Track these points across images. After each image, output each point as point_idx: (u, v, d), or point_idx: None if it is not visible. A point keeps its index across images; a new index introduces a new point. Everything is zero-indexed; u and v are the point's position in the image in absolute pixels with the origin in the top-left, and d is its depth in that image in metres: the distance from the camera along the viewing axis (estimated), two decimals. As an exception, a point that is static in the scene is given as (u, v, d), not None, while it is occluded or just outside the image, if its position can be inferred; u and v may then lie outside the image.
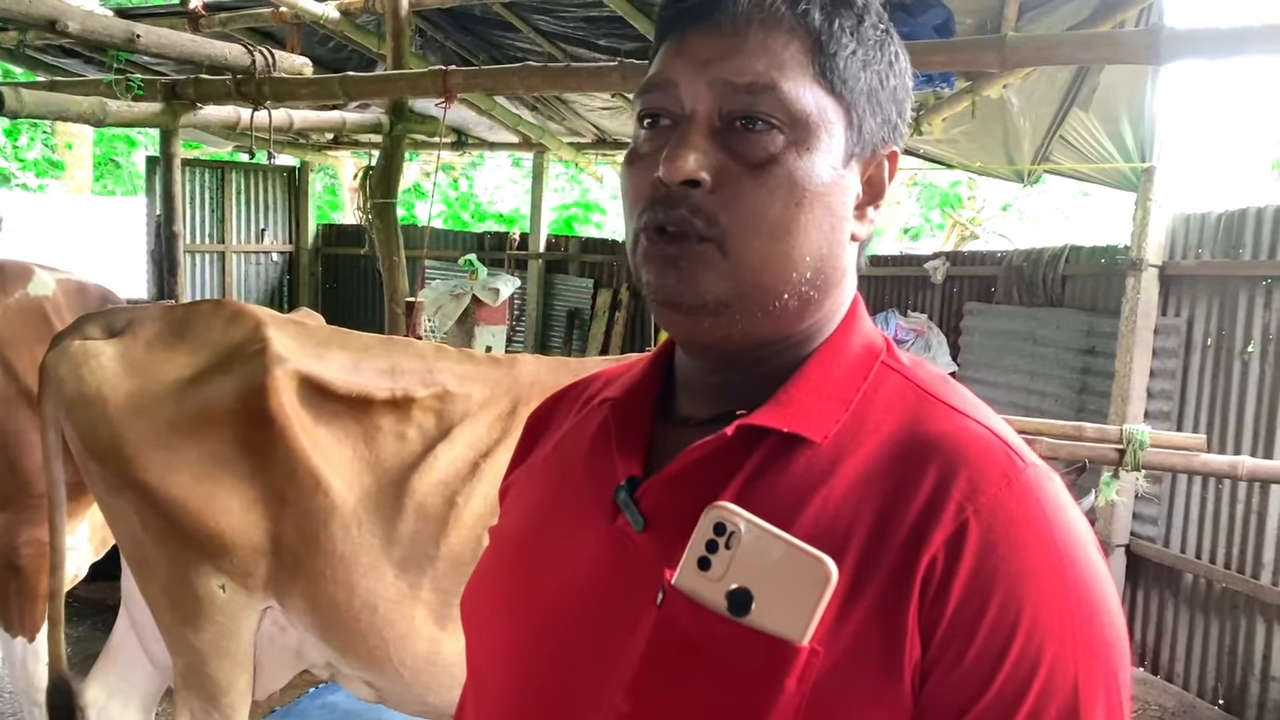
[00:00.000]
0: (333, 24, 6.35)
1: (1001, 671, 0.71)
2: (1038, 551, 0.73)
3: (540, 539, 0.91)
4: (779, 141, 0.79)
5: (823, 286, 0.84)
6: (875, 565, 0.74)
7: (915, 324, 6.68)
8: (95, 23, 3.73)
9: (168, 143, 4.83)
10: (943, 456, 0.76)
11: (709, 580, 0.73)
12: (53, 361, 2.49)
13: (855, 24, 0.83)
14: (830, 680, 0.71)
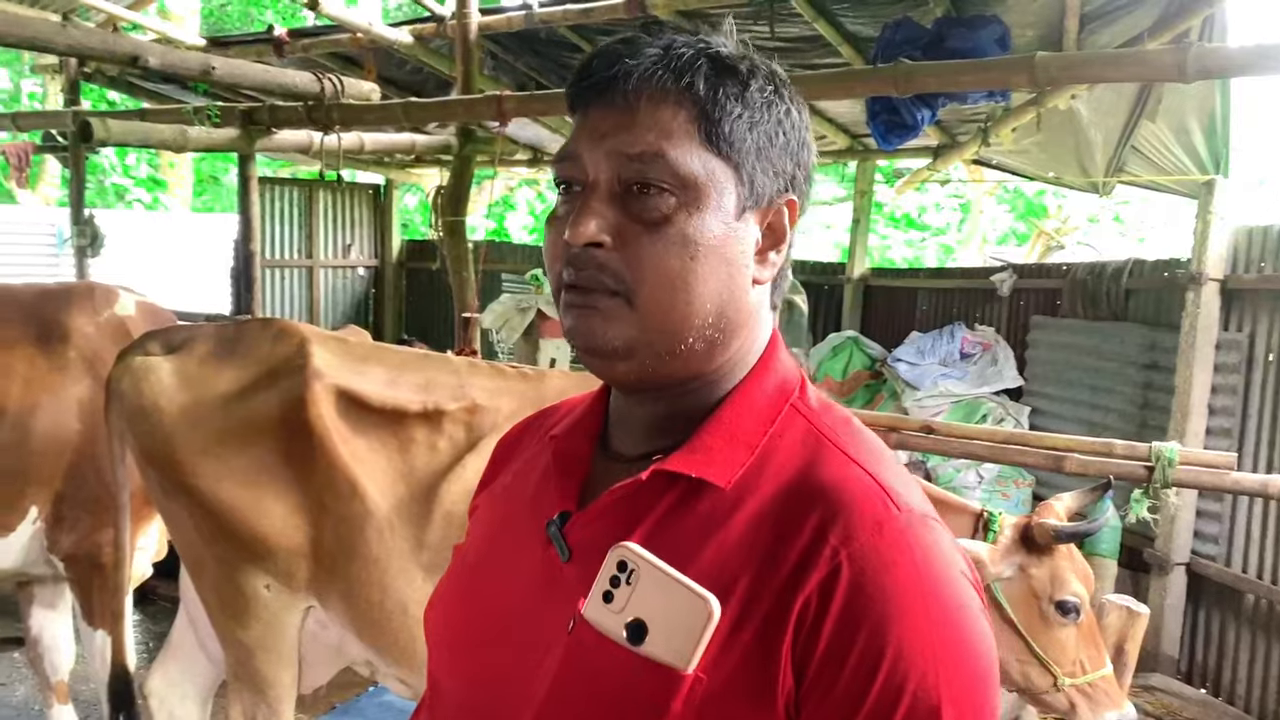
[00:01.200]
0: (407, 48, 6.59)
1: (866, 703, 0.78)
2: (903, 593, 0.80)
3: (490, 562, 1.02)
4: (671, 203, 0.88)
5: (726, 329, 0.92)
6: (757, 603, 0.82)
7: (982, 337, 6.62)
8: (174, 57, 3.99)
9: (245, 166, 5.09)
10: (826, 503, 0.84)
11: (612, 612, 0.83)
12: (117, 375, 2.69)
13: (740, 90, 0.90)
14: (712, 705, 0.80)
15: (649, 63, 0.90)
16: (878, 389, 6.99)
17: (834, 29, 5.74)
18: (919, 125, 5.23)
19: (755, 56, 0.94)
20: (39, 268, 9.22)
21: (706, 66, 0.90)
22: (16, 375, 3.14)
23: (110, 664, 2.98)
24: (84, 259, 6.67)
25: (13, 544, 3.16)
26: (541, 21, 6.12)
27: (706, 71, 0.90)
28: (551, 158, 8.05)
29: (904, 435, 3.47)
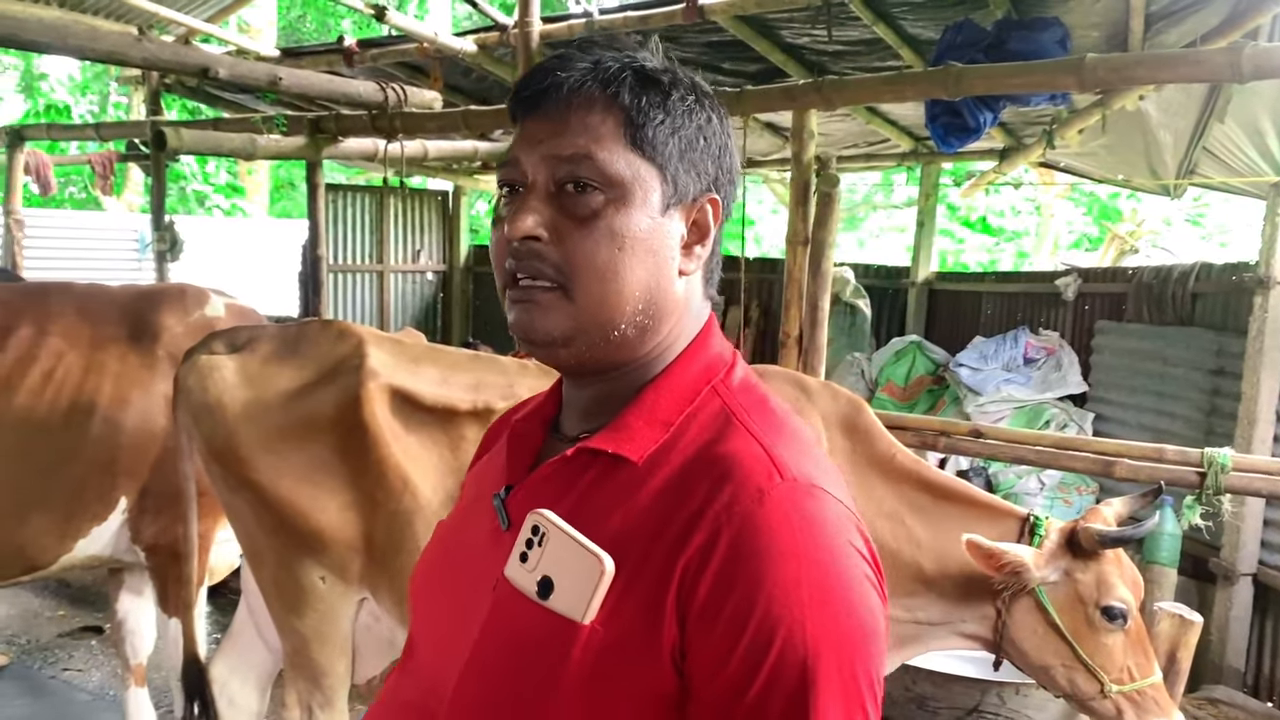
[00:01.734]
0: (471, 57, 6.72)
1: (739, 650, 0.86)
2: (777, 553, 0.88)
3: (457, 534, 1.14)
4: (600, 200, 0.97)
5: (655, 315, 1.01)
6: (649, 563, 0.91)
7: (1046, 342, 6.53)
8: (242, 68, 4.14)
9: (313, 173, 5.25)
10: (716, 473, 0.93)
11: (526, 570, 0.94)
12: (183, 373, 2.82)
13: (662, 99, 1.00)
14: (608, 652, 0.90)
15: (579, 75, 0.99)
16: (940, 394, 6.93)
17: (893, 32, 5.72)
18: (980, 128, 5.19)
19: (678, 70, 1.04)
20: (122, 271, 9.55)
21: (631, 78, 1.00)
22: (109, 372, 3.29)
23: (182, 652, 3.10)
24: (164, 263, 6.92)
25: (104, 532, 3.31)
26: (601, 28, 6.19)
27: (631, 82, 0.99)
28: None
29: (954, 440, 3.47)
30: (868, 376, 7.38)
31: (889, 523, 2.66)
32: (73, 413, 3.21)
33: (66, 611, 5.05)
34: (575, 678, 0.90)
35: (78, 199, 14.47)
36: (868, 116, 7.17)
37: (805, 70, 6.38)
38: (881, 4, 5.45)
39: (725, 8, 5.75)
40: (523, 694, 0.93)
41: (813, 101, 3.71)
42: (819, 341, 3.83)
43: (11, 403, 3.15)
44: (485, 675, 0.97)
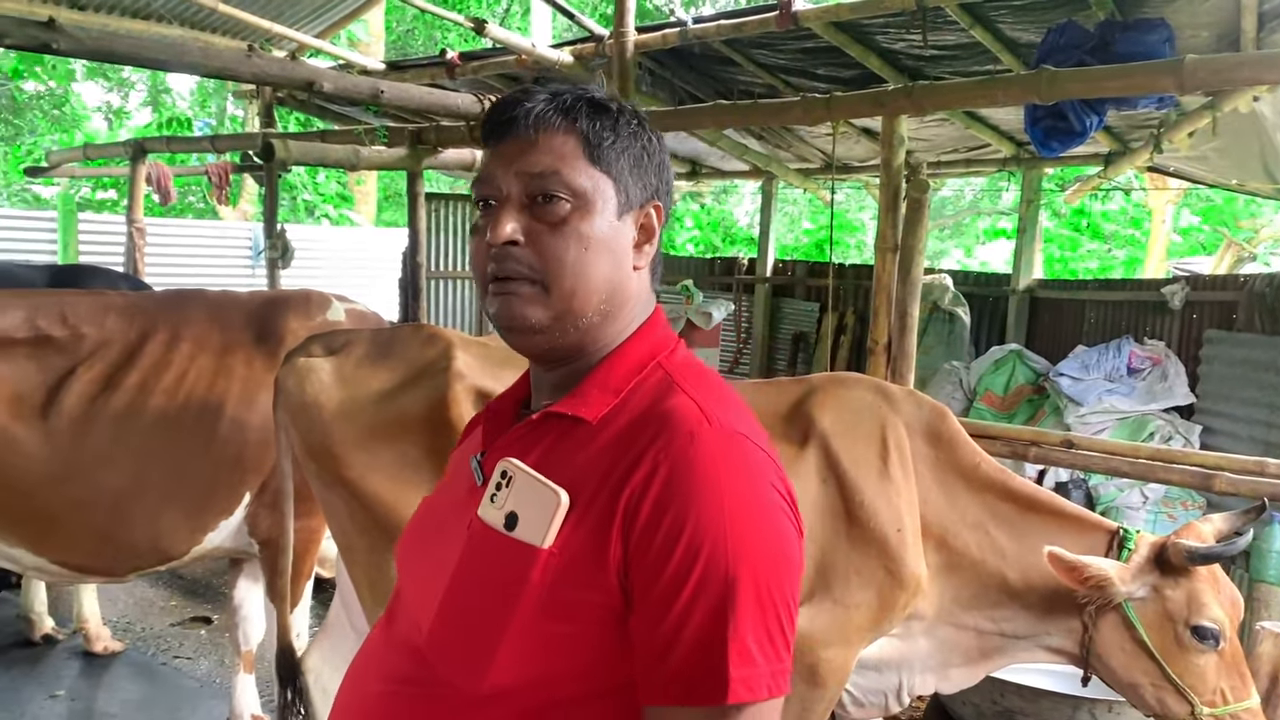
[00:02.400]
0: (568, 67, 6.84)
1: (670, 564, 1.03)
2: (704, 485, 1.05)
3: (436, 500, 1.35)
4: (567, 208, 1.15)
5: (615, 305, 1.19)
6: (599, 497, 1.08)
7: (1151, 352, 6.32)
8: (346, 82, 4.30)
9: (413, 183, 5.40)
10: (656, 423, 1.11)
11: (495, 509, 1.12)
12: (283, 375, 2.94)
13: (612, 123, 1.19)
14: (563, 572, 1.07)
15: (542, 105, 1.18)
16: (1040, 404, 6.77)
17: (992, 35, 5.63)
18: (1086, 131, 5.05)
19: (621, 101, 1.23)
20: (237, 277, 9.95)
21: (585, 106, 1.18)
22: (236, 375, 3.46)
23: (277, 642, 3.23)
24: (275, 270, 7.21)
25: (229, 525, 3.47)
26: (696, 37, 6.24)
27: (587, 110, 1.18)
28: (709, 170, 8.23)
29: (1045, 450, 3.40)
30: (966, 386, 7.25)
31: (973, 532, 2.63)
32: (204, 413, 3.38)
33: (178, 602, 5.29)
34: (535, 595, 1.07)
35: (196, 208, 15.13)
36: (967, 121, 7.07)
37: (901, 76, 6.32)
38: (979, 7, 5.37)
39: (819, 14, 5.75)
40: (491, 611, 1.10)
41: (903, 107, 3.68)
42: (908, 349, 3.79)
43: (148, 404, 3.33)
44: (459, 600, 1.14)
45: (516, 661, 1.08)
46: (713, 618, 1.01)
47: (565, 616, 1.07)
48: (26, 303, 3.37)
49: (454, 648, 1.13)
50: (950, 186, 19.13)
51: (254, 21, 7.09)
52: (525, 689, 1.09)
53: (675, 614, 1.02)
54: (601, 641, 1.08)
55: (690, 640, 1.02)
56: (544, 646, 1.08)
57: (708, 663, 1.01)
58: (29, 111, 16.57)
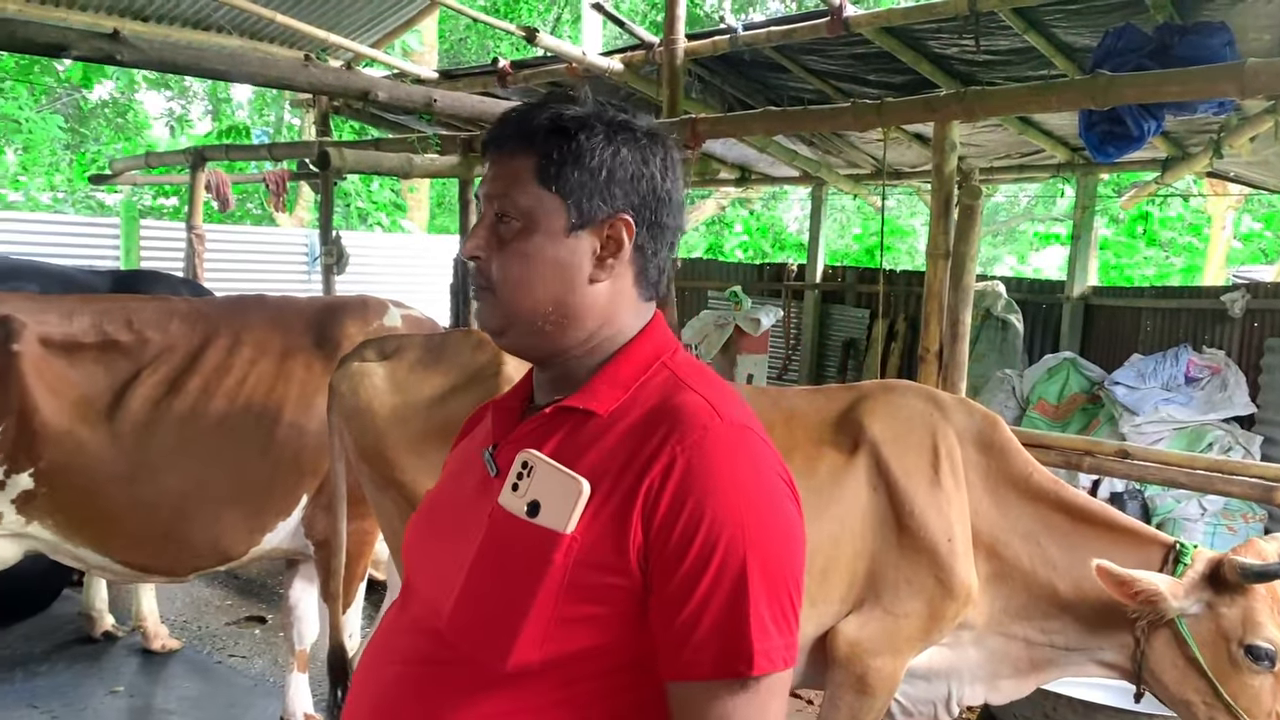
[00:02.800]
0: (618, 75, 6.87)
1: (692, 551, 1.11)
2: (718, 477, 1.13)
3: (446, 493, 1.41)
4: (515, 227, 1.25)
5: (568, 314, 1.26)
6: (619, 486, 1.16)
7: (1211, 360, 6.21)
8: (400, 91, 4.37)
9: (464, 190, 5.46)
10: (671, 417, 1.19)
11: (517, 497, 1.18)
12: (337, 379, 2.99)
13: (568, 143, 1.24)
14: (584, 556, 1.14)
15: (510, 131, 1.27)
16: (1095, 413, 6.67)
17: (1046, 40, 5.57)
18: (1144, 136, 4.97)
19: (600, 115, 1.27)
20: (293, 283, 10.10)
21: (545, 129, 1.25)
22: (295, 379, 3.53)
23: (329, 641, 3.28)
24: (330, 275, 7.32)
25: (287, 526, 3.54)
26: (746, 44, 6.23)
27: (544, 133, 1.24)
28: (759, 176, 8.19)
29: (1099, 460, 3.36)
30: (1019, 394, 7.17)
31: (1024, 543, 2.60)
32: (263, 416, 3.46)
33: (233, 601, 5.38)
34: (557, 577, 1.14)
35: (254, 214, 15.41)
36: (1020, 127, 6.99)
37: (953, 81, 6.27)
38: (1033, 11, 5.31)
39: (870, 20, 5.72)
40: (515, 593, 1.16)
41: (954, 113, 3.66)
42: (960, 357, 3.76)
43: (210, 407, 3.41)
44: (482, 583, 1.20)
45: (539, 640, 1.15)
46: (734, 598, 1.10)
47: (586, 598, 1.15)
48: (94, 308, 3.46)
49: (478, 628, 1.19)
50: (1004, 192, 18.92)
51: (310, 31, 7.21)
52: (547, 665, 1.16)
53: (699, 596, 1.10)
54: (620, 620, 1.15)
55: (714, 620, 1.10)
56: (565, 626, 1.15)
57: (732, 639, 1.10)
58: (94, 120, 17.00)
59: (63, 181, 14.87)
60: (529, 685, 1.17)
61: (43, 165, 14.77)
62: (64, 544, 3.33)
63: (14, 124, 13.64)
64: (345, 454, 3.08)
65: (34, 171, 14.54)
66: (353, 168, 4.51)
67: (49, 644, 4.69)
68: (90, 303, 3.52)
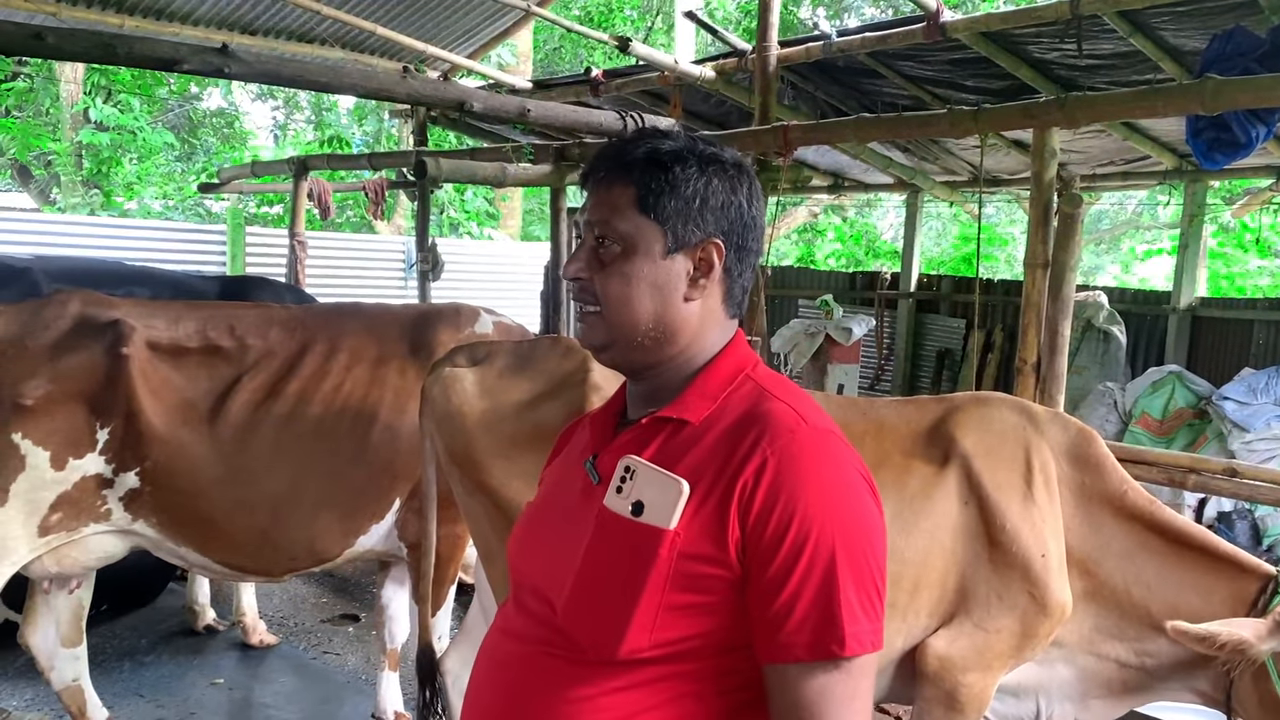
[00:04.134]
0: (710, 83, 6.87)
1: (786, 542, 1.23)
2: (807, 475, 1.25)
3: (550, 503, 1.52)
4: (616, 250, 1.38)
5: (666, 330, 1.39)
6: (716, 486, 1.28)
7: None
8: (495, 101, 4.43)
9: (556, 198, 5.51)
10: (760, 423, 1.31)
11: (621, 499, 1.30)
12: (429, 384, 3.05)
13: (664, 175, 1.37)
14: (687, 549, 1.26)
15: (609, 164, 1.40)
16: (1202, 429, 6.42)
17: (1152, 43, 5.40)
18: (1253, 143, 4.79)
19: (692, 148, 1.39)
20: (390, 289, 10.31)
21: (643, 162, 1.38)
22: (389, 385, 3.61)
23: (418, 643, 3.34)
24: (426, 282, 7.46)
25: (380, 529, 3.62)
26: (839, 50, 6.18)
27: (641, 165, 1.38)
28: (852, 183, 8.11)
29: (1205, 478, 3.23)
30: (1121, 408, 6.95)
31: (1119, 561, 2.52)
32: (359, 421, 3.54)
33: (329, 600, 5.52)
34: (663, 570, 1.26)
35: (353, 222, 15.79)
36: (1125, 133, 6.79)
37: (1054, 86, 6.12)
38: (1139, 15, 5.15)
39: (968, 25, 5.62)
40: (624, 587, 1.27)
41: (1054, 119, 3.56)
42: (1058, 369, 3.66)
43: (307, 412, 3.50)
44: (593, 579, 1.32)
45: (648, 627, 1.26)
46: (825, 586, 1.21)
47: (689, 587, 1.26)
48: (198, 314, 3.58)
49: (591, 619, 1.31)
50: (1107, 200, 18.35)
51: (409, 43, 7.38)
52: (655, 650, 1.27)
53: (793, 585, 1.21)
54: (721, 608, 1.26)
55: (808, 606, 1.21)
56: (671, 613, 1.26)
57: (826, 623, 1.21)
58: (203, 130, 17.64)
59: (174, 190, 15.47)
60: (639, 669, 1.28)
61: (156, 175, 15.38)
62: (166, 542, 3.45)
63: (130, 135, 14.23)
64: (436, 458, 3.14)
65: (147, 180, 15.15)
66: (449, 176, 4.59)
67: (154, 636, 4.88)
68: (195, 309, 3.65)
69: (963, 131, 4.08)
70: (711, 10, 16.02)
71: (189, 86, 16.02)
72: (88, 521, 3.33)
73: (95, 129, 13.79)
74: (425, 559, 3.29)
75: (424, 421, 3.11)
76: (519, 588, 1.48)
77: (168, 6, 6.99)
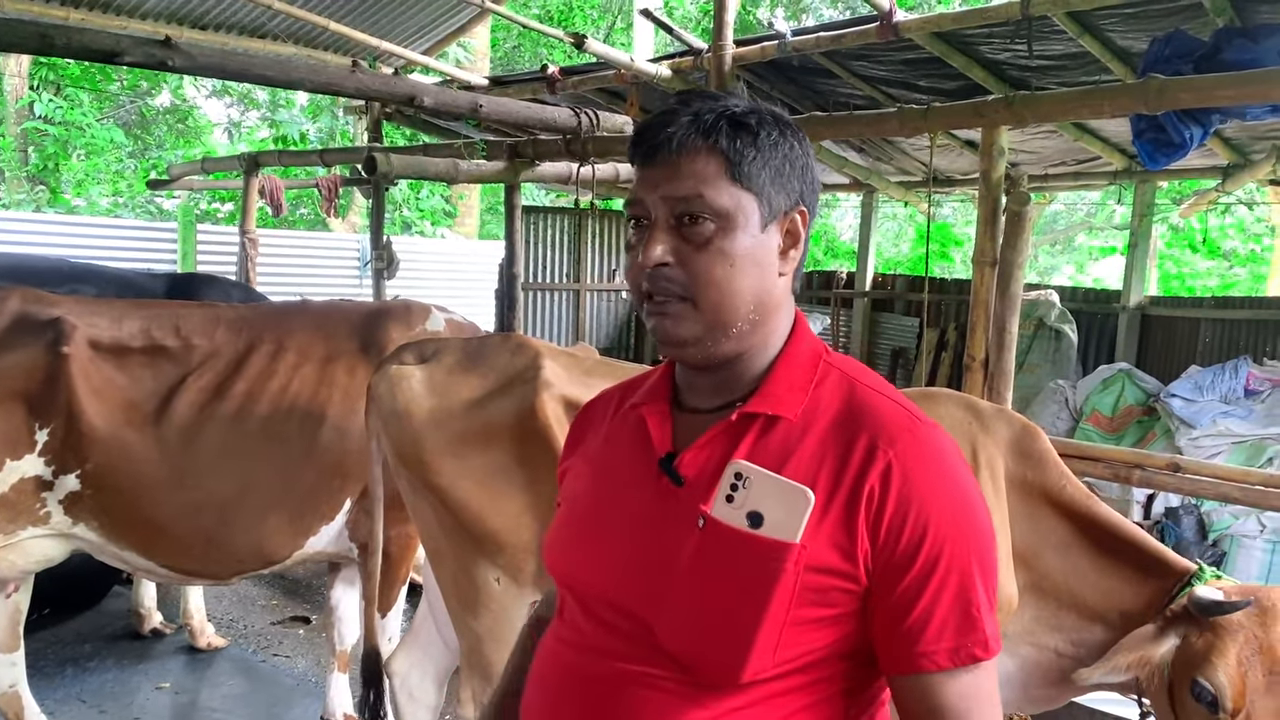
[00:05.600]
0: (666, 81, 6.86)
1: (921, 556, 1.15)
2: (936, 480, 1.18)
3: (603, 498, 1.36)
4: (711, 229, 1.21)
5: (763, 312, 1.25)
6: (837, 492, 1.17)
7: (1271, 373, 6.04)
8: (446, 97, 4.40)
9: (510, 195, 5.49)
10: (872, 422, 1.20)
11: (733, 509, 1.18)
12: (375, 382, 3.01)
13: (752, 138, 1.22)
14: (813, 562, 1.16)
15: (684, 128, 1.21)
16: (1150, 426, 6.52)
17: (1101, 44, 5.47)
18: (1187, 144, 4.88)
19: (763, 109, 1.25)
20: (345, 287, 10.23)
21: (725, 125, 1.21)
22: (338, 384, 3.56)
23: (363, 644, 3.30)
24: (381, 279, 7.38)
25: (331, 530, 3.57)
26: (794, 50, 6.20)
27: (726, 129, 1.21)
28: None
29: (1149, 473, 3.28)
30: (1072, 405, 7.03)
31: (1056, 554, 2.55)
32: (308, 421, 3.49)
33: (279, 601, 5.45)
34: (789, 586, 1.15)
35: (308, 219, 15.63)
36: (1076, 133, 6.87)
37: (1006, 86, 6.18)
38: (1088, 16, 5.22)
39: (920, 25, 5.66)
40: (746, 605, 1.16)
41: (1002, 118, 3.59)
42: (1006, 366, 3.69)
43: (255, 412, 3.45)
44: (704, 595, 1.19)
45: (774, 648, 1.17)
46: (964, 594, 1.16)
47: (815, 602, 1.17)
48: (143, 313, 3.51)
49: (706, 642, 1.19)
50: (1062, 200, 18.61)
51: (362, 39, 7.31)
52: (776, 669, 1.18)
53: (929, 595, 1.15)
54: (845, 619, 1.19)
55: (945, 614, 1.15)
56: (797, 630, 1.17)
57: (967, 630, 1.16)
58: (155, 126, 17.37)
59: (124, 187, 15.21)
60: (757, 688, 1.19)
61: (107, 171, 15.12)
62: (109, 546, 3.39)
63: (78, 130, 13.98)
64: (384, 457, 3.10)
65: (96, 177, 14.89)
66: (400, 173, 4.54)
67: (98, 640, 4.78)
68: (139, 307, 3.58)
69: (913, 130, 4.11)
70: (670, 9, 16.02)
71: (140, 82, 15.75)
72: (26, 525, 3.26)
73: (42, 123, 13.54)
74: (372, 560, 3.25)
75: (370, 420, 3.06)
76: (583, 597, 1.33)
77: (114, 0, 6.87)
